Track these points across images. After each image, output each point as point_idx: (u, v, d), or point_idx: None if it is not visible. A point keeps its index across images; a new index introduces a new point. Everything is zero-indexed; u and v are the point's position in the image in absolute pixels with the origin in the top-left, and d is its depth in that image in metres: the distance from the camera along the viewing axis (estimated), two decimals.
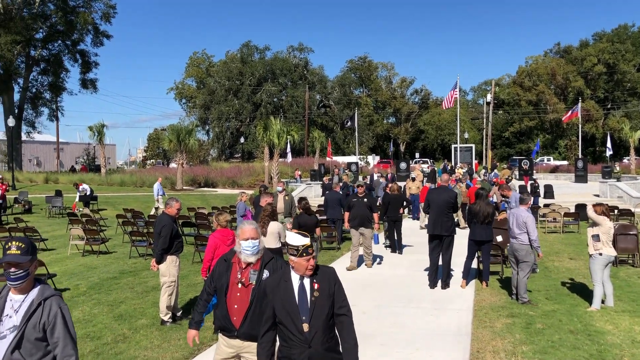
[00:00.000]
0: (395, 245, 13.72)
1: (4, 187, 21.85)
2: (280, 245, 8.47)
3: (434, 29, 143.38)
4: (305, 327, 3.56)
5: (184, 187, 36.71)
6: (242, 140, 66.17)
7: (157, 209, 21.55)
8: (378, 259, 12.69)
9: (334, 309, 3.68)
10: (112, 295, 9.61)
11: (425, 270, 10.50)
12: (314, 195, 29.46)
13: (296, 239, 3.59)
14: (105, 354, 6.64)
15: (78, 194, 24.42)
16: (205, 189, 38.38)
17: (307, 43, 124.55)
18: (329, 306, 3.63)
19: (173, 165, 55.61)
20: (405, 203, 14.65)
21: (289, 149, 36.65)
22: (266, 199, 10.14)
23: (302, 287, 3.64)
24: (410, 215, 20.28)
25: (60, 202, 24.26)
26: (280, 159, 36.71)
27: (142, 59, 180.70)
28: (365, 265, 11.70)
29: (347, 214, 11.78)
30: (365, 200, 11.54)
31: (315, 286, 3.64)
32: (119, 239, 16.49)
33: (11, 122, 36.95)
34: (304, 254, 3.58)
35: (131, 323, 7.89)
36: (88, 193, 24.53)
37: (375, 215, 11.67)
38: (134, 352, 6.72)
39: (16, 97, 47.57)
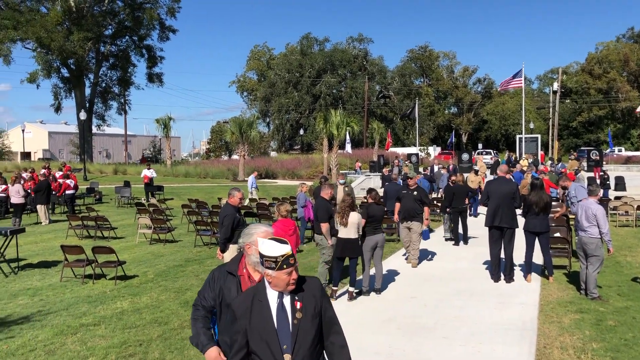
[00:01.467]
0: (459, 238, 13.49)
1: (74, 177, 22.91)
2: (358, 236, 8.57)
3: (498, 16, 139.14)
4: (287, 358, 2.90)
5: (246, 178, 37.34)
6: (301, 132, 66.63)
7: (250, 200, 22.14)
8: (436, 253, 12.52)
9: (323, 332, 3.06)
10: (178, 283, 9.93)
11: (485, 263, 10.27)
12: (374, 186, 29.34)
13: (273, 248, 2.90)
14: (172, 339, 6.86)
15: (145, 171, 25.40)
16: (266, 180, 38.93)
17: (367, 33, 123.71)
18: (315, 329, 2.99)
19: (235, 157, 56.73)
20: (470, 193, 14.34)
21: (348, 140, 36.60)
22: (327, 190, 10.17)
23: (281, 307, 2.96)
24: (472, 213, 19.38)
25: (129, 192, 25.19)
26: (339, 151, 36.74)
27: (205, 53, 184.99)
28: (411, 264, 11.03)
29: (397, 206, 11.38)
30: (415, 193, 11.09)
31: (298, 305, 2.97)
32: (184, 228, 16.99)
33: (83, 115, 38.70)
34: (285, 266, 2.88)
35: None
36: (154, 176, 25.65)
37: (426, 210, 11.23)
38: None
39: (87, 91, 49.70)
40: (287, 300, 2.97)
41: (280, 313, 2.94)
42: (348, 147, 36.81)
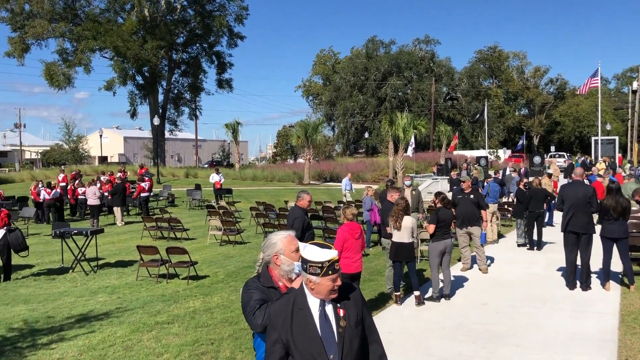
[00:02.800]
0: (534, 243, 13.07)
1: (150, 180, 23.83)
2: (412, 240, 8.50)
3: (571, 13, 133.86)
4: None
5: (311, 182, 37.69)
6: (366, 135, 66.51)
7: (346, 202, 22.48)
8: (508, 258, 12.16)
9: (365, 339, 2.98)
10: None
11: (559, 270, 9.87)
12: (441, 190, 28.82)
13: (318, 253, 2.79)
14: (242, 339, 7.00)
15: (214, 176, 26.46)
16: (331, 183, 39.09)
17: (434, 35, 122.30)
18: (360, 337, 2.89)
19: (300, 160, 57.34)
20: (548, 198, 13.78)
21: (412, 144, 36.15)
22: (393, 193, 10.11)
23: (324, 315, 2.83)
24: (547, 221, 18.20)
25: (200, 195, 25.97)
26: (404, 154, 36.40)
27: (272, 59, 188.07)
28: (480, 270, 10.71)
29: (452, 212, 11.20)
30: (472, 196, 10.79)
31: (341, 313, 2.85)
32: (252, 230, 17.31)
33: (156, 121, 40.21)
34: (330, 272, 2.76)
35: None
36: (223, 180, 26.70)
37: (484, 213, 10.96)
38: None
39: (160, 98, 51.59)
40: (329, 308, 2.85)
41: (323, 322, 2.81)
42: (409, 151, 36.29)
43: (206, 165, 58.52)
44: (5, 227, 10.98)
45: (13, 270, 11.63)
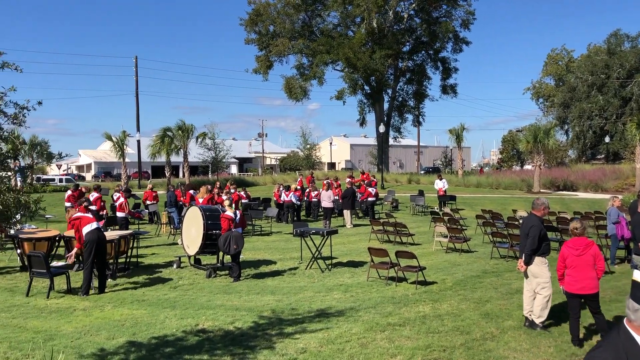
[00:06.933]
0: None
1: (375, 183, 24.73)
2: None
3: None
4: None
5: (541, 190, 35.34)
6: (606, 139, 60.07)
7: None
8: None
9: None
10: (476, 293, 9.86)
11: None
12: None
13: None
14: (475, 349, 6.84)
15: (437, 182, 26.94)
16: (564, 192, 36.19)
17: None
18: None
19: (527, 167, 54.10)
20: None
21: None
22: None
23: None
24: None
25: (423, 201, 26.15)
26: None
27: (497, 61, 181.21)
28: None
29: None
30: None
31: None
32: (478, 239, 16.83)
33: (382, 129, 41.65)
34: None
35: (498, 323, 7.95)
36: (446, 187, 27.10)
37: None
38: (503, 352, 6.74)
39: (385, 106, 53.24)
40: None
41: None
42: None
43: (422, 172, 58.64)
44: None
45: (262, 264, 13.11)
